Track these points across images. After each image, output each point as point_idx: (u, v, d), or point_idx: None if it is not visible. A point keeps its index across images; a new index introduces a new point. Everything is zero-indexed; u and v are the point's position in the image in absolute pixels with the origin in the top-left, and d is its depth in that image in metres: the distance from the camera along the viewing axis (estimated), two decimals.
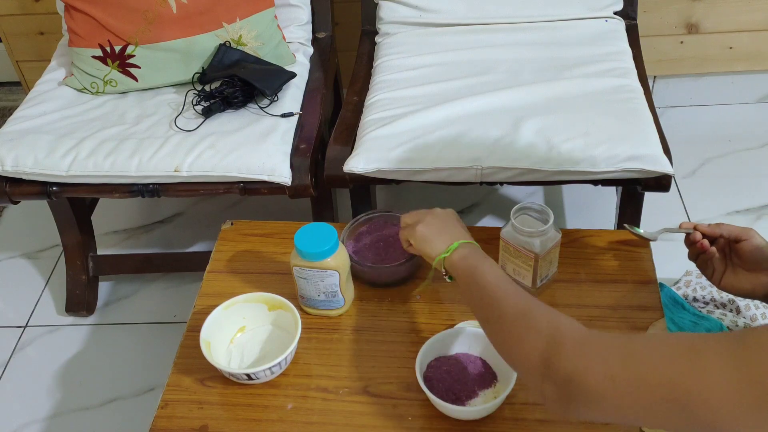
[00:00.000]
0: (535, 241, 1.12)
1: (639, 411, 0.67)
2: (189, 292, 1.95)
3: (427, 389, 1.02)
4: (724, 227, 1.06)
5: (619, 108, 1.56)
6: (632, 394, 0.67)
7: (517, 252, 1.14)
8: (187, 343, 1.16)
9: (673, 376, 0.63)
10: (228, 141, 1.57)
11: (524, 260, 1.14)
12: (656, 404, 0.65)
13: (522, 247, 1.13)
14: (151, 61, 1.72)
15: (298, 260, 1.13)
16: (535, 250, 1.12)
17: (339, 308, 1.19)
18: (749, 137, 2.28)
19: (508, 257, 1.17)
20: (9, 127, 1.67)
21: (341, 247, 1.14)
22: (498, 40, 1.77)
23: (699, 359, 0.62)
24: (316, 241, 1.11)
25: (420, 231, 1.07)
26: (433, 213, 1.10)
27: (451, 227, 1.07)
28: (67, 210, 1.81)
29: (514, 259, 1.16)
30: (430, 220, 1.08)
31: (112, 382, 1.78)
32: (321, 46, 1.92)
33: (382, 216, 1.30)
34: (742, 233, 1.04)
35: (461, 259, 1.01)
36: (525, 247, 1.13)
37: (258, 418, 1.06)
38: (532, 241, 1.12)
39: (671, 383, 0.64)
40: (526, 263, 1.14)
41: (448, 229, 1.07)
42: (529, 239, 1.12)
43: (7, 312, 1.98)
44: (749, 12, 2.19)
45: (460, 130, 1.52)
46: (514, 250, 1.14)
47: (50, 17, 2.25)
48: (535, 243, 1.12)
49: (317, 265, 1.12)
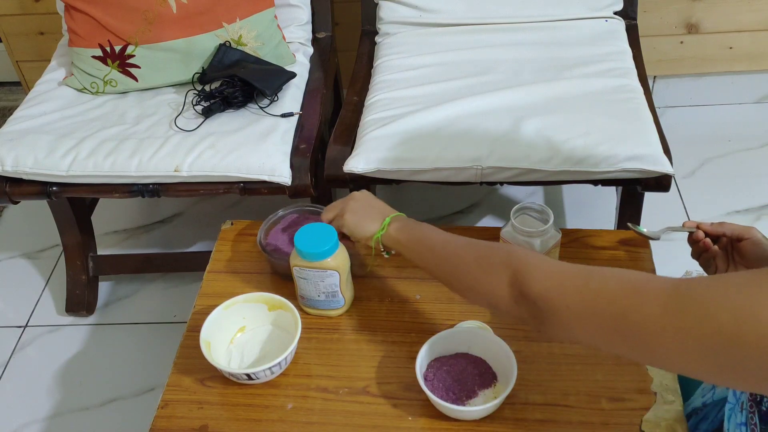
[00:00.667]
0: (535, 241, 1.12)
1: (594, 337, 0.78)
2: (189, 292, 1.95)
3: (427, 389, 1.02)
4: (727, 226, 1.07)
5: (619, 108, 1.56)
6: (585, 324, 0.77)
7: None
8: (187, 343, 1.16)
9: (618, 311, 0.74)
10: (228, 141, 1.57)
11: None
12: (606, 333, 0.76)
13: (522, 247, 1.13)
14: (151, 61, 1.72)
15: (298, 260, 1.13)
16: (535, 250, 1.12)
17: (339, 308, 1.18)
18: (749, 137, 2.28)
19: None
20: (9, 127, 1.67)
21: (341, 247, 1.13)
22: (498, 40, 1.77)
23: (640, 298, 0.72)
24: (316, 241, 1.11)
25: (349, 219, 1.11)
26: (353, 198, 1.14)
27: (375, 206, 1.12)
28: (67, 210, 1.81)
29: None
30: (353, 205, 1.12)
31: (112, 382, 1.78)
32: (321, 46, 1.92)
33: (294, 212, 1.30)
34: (744, 232, 1.04)
35: (398, 231, 1.06)
36: (525, 247, 1.13)
37: (258, 418, 1.06)
38: (532, 241, 1.12)
39: (615, 317, 0.74)
40: None
41: (373, 209, 1.11)
42: (529, 239, 1.12)
43: (7, 312, 1.98)
44: (749, 12, 2.19)
45: (460, 130, 1.52)
46: None
47: (50, 17, 2.26)
48: (535, 243, 1.12)
49: (317, 265, 1.11)
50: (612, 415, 1.01)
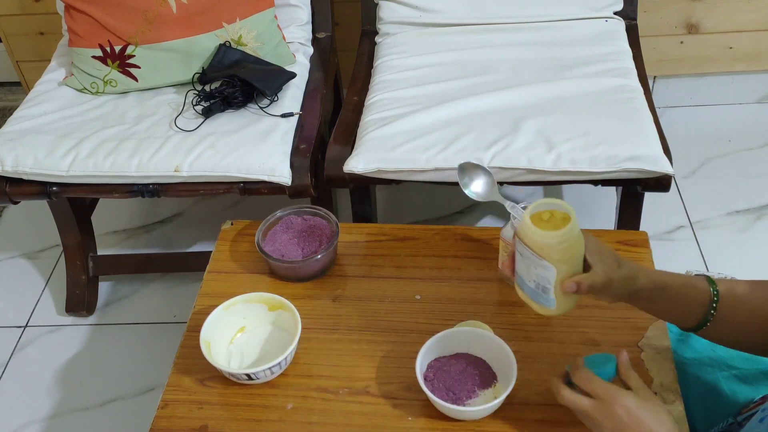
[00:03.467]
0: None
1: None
2: (189, 292, 1.95)
3: (427, 389, 1.02)
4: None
5: (619, 108, 1.56)
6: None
7: None
8: (187, 343, 1.16)
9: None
10: (228, 141, 1.57)
11: None
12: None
13: None
14: (151, 61, 1.72)
15: (522, 234, 0.91)
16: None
17: (546, 307, 0.96)
18: (749, 137, 2.28)
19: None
20: (9, 127, 1.67)
21: (577, 236, 0.91)
22: (498, 40, 1.77)
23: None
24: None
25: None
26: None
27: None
28: (67, 210, 1.81)
29: None
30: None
31: (112, 382, 1.78)
32: (321, 46, 1.92)
33: (292, 213, 1.30)
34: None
35: None
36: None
37: (258, 418, 1.06)
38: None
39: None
40: None
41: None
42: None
43: (7, 312, 1.98)
44: (749, 12, 2.19)
45: (460, 130, 1.52)
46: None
47: (50, 17, 2.25)
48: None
49: (536, 248, 0.90)
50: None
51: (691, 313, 0.94)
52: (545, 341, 1.12)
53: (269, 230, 1.28)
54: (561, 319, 1.14)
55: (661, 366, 1.07)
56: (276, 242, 1.26)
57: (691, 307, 0.93)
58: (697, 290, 0.93)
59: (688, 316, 0.94)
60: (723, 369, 1.11)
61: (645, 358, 1.08)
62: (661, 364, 1.07)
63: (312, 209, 1.30)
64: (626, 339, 1.11)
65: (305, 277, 1.24)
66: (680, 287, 0.94)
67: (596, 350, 1.10)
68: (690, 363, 1.13)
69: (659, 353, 1.09)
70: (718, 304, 0.92)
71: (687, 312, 0.94)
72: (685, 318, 0.95)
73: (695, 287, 0.93)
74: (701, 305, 0.93)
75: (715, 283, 0.93)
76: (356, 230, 1.34)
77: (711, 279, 0.94)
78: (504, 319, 1.15)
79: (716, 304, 0.92)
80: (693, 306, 0.93)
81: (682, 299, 0.93)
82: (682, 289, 0.94)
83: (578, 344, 1.11)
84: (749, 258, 1.93)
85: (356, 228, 1.35)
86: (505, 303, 1.18)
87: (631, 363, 0.95)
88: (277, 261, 1.22)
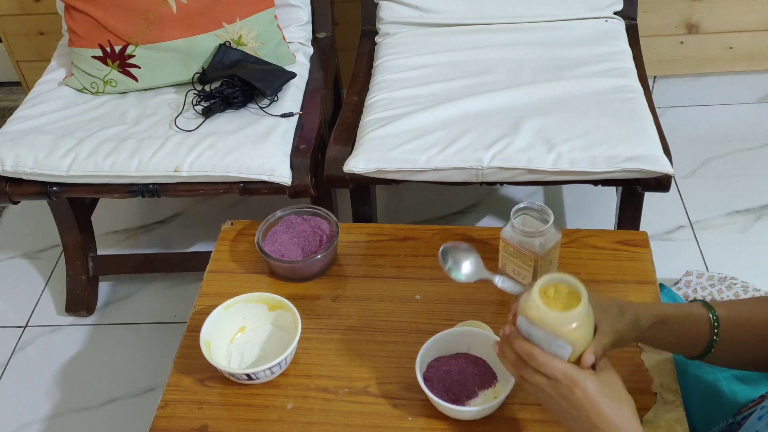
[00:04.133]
0: (535, 241, 1.12)
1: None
2: (189, 292, 1.95)
3: (427, 389, 1.02)
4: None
5: (619, 108, 1.56)
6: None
7: (517, 252, 1.14)
8: (187, 343, 1.16)
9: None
10: (228, 141, 1.57)
11: (524, 260, 1.14)
12: None
13: (522, 247, 1.13)
14: (151, 61, 1.72)
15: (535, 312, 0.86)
16: (535, 250, 1.12)
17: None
18: (749, 137, 2.28)
19: (508, 257, 1.17)
20: (9, 127, 1.67)
21: (587, 318, 0.87)
22: (498, 40, 1.77)
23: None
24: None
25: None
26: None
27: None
28: (67, 210, 1.81)
29: (514, 259, 1.16)
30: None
31: (112, 382, 1.78)
32: (321, 46, 1.92)
33: (292, 213, 1.30)
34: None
35: None
36: (525, 247, 1.13)
37: (258, 418, 1.06)
38: (532, 241, 1.12)
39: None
40: (526, 263, 1.14)
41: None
42: (529, 239, 1.12)
43: (7, 312, 1.98)
44: (749, 12, 2.19)
45: (460, 130, 1.52)
46: (514, 250, 1.14)
47: (50, 17, 2.25)
48: (535, 243, 1.12)
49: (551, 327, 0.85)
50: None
51: (695, 342, 0.94)
52: None
53: (269, 230, 1.28)
54: None
55: (661, 366, 1.07)
56: (276, 242, 1.26)
57: (695, 336, 0.93)
58: (697, 318, 0.93)
59: (692, 346, 0.94)
60: (723, 369, 1.11)
61: (645, 358, 1.08)
62: (661, 364, 1.07)
63: (312, 209, 1.30)
64: None
65: (305, 277, 1.24)
66: (681, 318, 0.93)
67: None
68: (690, 363, 1.13)
69: (659, 353, 1.09)
70: (719, 329, 0.92)
71: (691, 341, 0.94)
72: (690, 347, 0.95)
73: (695, 315, 0.93)
74: (704, 333, 0.93)
75: (714, 309, 0.93)
76: (356, 230, 1.34)
77: (709, 305, 0.94)
78: (504, 319, 1.14)
79: (717, 329, 0.92)
80: (696, 335, 0.93)
81: (685, 329, 0.93)
82: (682, 319, 0.93)
83: None
84: (749, 258, 1.93)
85: (356, 228, 1.35)
86: (505, 303, 1.18)
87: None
88: (277, 261, 1.22)
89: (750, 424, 0.91)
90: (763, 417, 0.88)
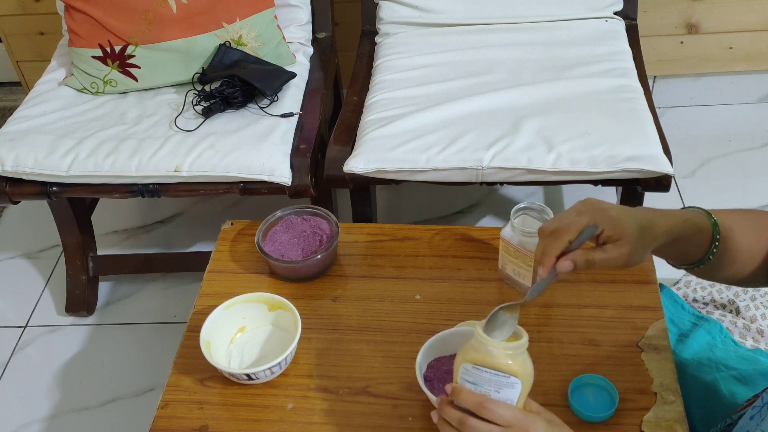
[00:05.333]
0: (535, 241, 1.12)
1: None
2: (189, 292, 1.95)
3: (427, 389, 1.02)
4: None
5: (619, 108, 1.56)
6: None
7: (517, 252, 1.14)
8: (187, 343, 1.16)
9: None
10: (228, 141, 1.57)
11: (524, 260, 1.14)
12: None
13: (522, 247, 1.13)
14: (151, 61, 1.72)
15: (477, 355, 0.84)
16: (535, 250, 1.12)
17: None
18: (749, 137, 2.28)
19: (508, 257, 1.17)
20: (9, 127, 1.67)
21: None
22: (498, 40, 1.77)
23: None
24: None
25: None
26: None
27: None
28: (67, 210, 1.81)
29: (514, 259, 1.16)
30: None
31: (112, 382, 1.78)
32: (321, 46, 1.92)
33: (293, 213, 1.30)
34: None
35: None
36: (525, 247, 1.13)
37: (258, 418, 1.06)
38: (532, 241, 1.12)
39: None
40: (526, 263, 1.14)
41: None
42: (529, 239, 1.12)
43: (7, 312, 1.98)
44: (749, 12, 2.19)
45: (460, 130, 1.52)
46: (514, 250, 1.14)
47: (50, 17, 2.25)
48: (535, 243, 1.12)
49: (494, 365, 0.83)
50: (612, 416, 1.01)
51: (695, 254, 0.93)
52: (545, 341, 1.12)
53: (269, 230, 1.28)
54: (561, 319, 1.14)
55: (661, 366, 1.07)
56: (276, 242, 1.26)
57: (697, 248, 0.92)
58: (703, 233, 0.92)
59: (692, 256, 0.94)
60: (721, 370, 1.11)
61: (645, 358, 1.08)
62: (661, 364, 1.07)
63: (312, 209, 1.30)
64: (626, 339, 1.11)
65: (305, 277, 1.24)
66: (691, 235, 0.92)
67: (596, 350, 1.10)
68: (689, 364, 1.13)
69: (659, 353, 1.09)
70: (719, 240, 0.91)
71: (692, 253, 0.93)
72: (688, 258, 0.94)
73: (702, 230, 0.91)
74: (704, 245, 0.92)
75: (711, 214, 0.92)
76: (356, 230, 1.34)
77: (707, 211, 0.93)
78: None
79: (718, 241, 0.91)
80: (699, 247, 0.92)
81: (691, 245, 0.92)
82: (692, 236, 0.92)
83: (578, 344, 1.11)
84: None
85: (356, 228, 1.35)
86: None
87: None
88: (277, 261, 1.22)
89: (742, 423, 0.91)
90: (754, 416, 0.88)
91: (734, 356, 1.13)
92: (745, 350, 1.17)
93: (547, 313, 1.16)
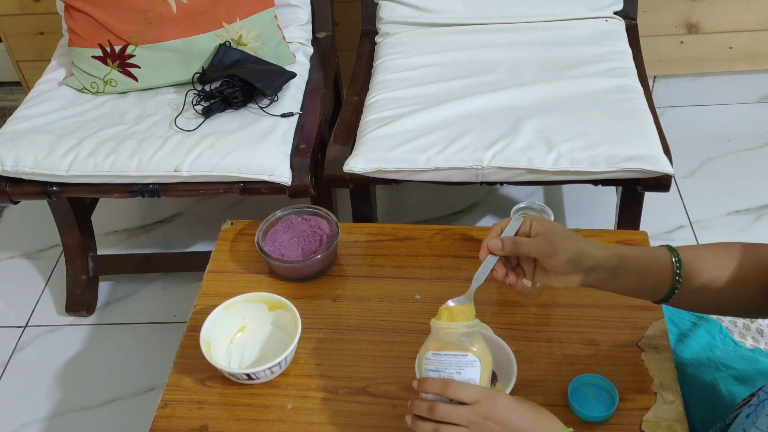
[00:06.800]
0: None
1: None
2: (189, 292, 1.95)
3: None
4: (523, 247, 0.93)
5: (619, 108, 1.56)
6: None
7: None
8: (187, 343, 1.16)
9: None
10: (228, 141, 1.57)
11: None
12: None
13: None
14: (151, 61, 1.72)
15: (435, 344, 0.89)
16: None
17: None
18: (749, 137, 2.28)
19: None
20: (9, 127, 1.67)
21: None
22: (498, 40, 1.77)
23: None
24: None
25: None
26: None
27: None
28: (67, 210, 1.81)
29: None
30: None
31: (112, 382, 1.78)
32: (321, 46, 1.92)
33: (293, 212, 1.30)
34: (543, 253, 0.91)
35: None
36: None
37: (258, 418, 1.06)
38: None
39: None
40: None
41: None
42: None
43: (7, 312, 1.98)
44: (749, 12, 2.19)
45: (460, 130, 1.52)
46: None
47: (50, 17, 2.26)
48: None
49: (456, 347, 0.88)
50: (612, 415, 1.01)
51: (658, 285, 0.93)
52: (545, 341, 1.12)
53: (269, 230, 1.28)
54: (561, 319, 1.14)
55: (661, 366, 1.07)
56: (276, 242, 1.26)
57: (657, 278, 0.93)
58: (660, 261, 0.92)
59: (655, 289, 0.93)
60: (721, 369, 1.11)
61: (645, 358, 1.08)
62: (661, 364, 1.07)
63: (312, 209, 1.30)
64: (626, 339, 1.11)
65: (305, 277, 1.24)
66: (643, 259, 0.93)
67: (596, 350, 1.10)
68: (688, 363, 1.13)
69: (659, 353, 1.09)
70: (682, 270, 0.92)
71: (653, 284, 0.93)
72: (654, 291, 0.94)
73: (658, 258, 0.93)
74: (666, 276, 0.92)
75: (676, 252, 0.93)
76: (356, 230, 1.34)
77: (672, 248, 0.93)
78: (504, 319, 1.15)
79: (680, 272, 0.92)
80: (658, 278, 0.93)
81: (647, 271, 0.93)
82: (644, 260, 0.93)
83: (578, 344, 1.11)
84: None
85: (356, 228, 1.35)
86: (505, 303, 1.18)
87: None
88: (277, 261, 1.22)
89: (739, 421, 0.91)
90: (750, 414, 0.88)
91: (734, 356, 1.13)
92: (744, 350, 1.17)
93: (547, 313, 1.16)
